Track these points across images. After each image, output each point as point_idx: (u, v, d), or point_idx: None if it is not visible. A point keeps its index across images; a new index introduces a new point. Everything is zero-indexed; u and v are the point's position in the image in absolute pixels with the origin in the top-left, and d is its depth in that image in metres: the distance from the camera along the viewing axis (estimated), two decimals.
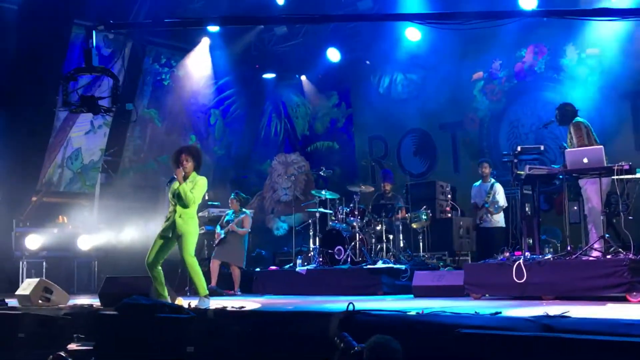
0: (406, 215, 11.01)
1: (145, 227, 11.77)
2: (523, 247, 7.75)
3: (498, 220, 10.46)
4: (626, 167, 7.07)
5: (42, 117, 12.14)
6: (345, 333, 4.39)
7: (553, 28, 11.59)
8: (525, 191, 8.26)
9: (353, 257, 10.24)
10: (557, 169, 7.82)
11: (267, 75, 15.70)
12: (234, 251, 10.41)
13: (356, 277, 9.65)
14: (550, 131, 9.07)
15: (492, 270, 7.40)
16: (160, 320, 5.98)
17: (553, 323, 4.27)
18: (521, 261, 7.03)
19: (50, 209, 13.09)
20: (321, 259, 10.59)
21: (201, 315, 6.08)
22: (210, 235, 11.36)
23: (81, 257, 12.44)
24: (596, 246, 7.16)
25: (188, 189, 7.04)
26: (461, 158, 13.33)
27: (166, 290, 7.14)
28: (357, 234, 10.45)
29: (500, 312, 4.98)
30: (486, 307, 5.70)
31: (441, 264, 10.48)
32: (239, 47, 14.46)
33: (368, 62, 14.56)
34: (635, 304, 6.17)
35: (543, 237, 8.91)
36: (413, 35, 12.55)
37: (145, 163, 14.70)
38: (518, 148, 8.24)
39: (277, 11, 12.44)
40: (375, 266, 9.74)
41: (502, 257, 7.53)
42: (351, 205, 10.84)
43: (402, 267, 9.59)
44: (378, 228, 10.69)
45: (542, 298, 6.82)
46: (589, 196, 7.86)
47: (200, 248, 10.68)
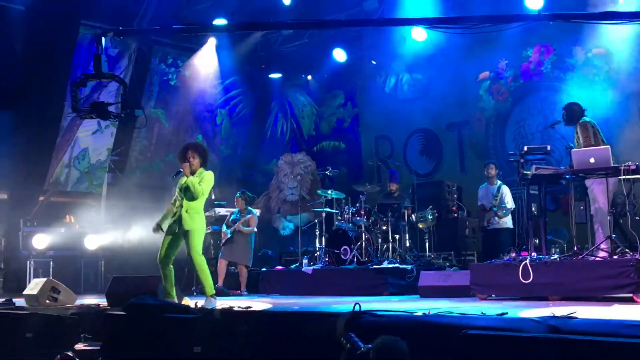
0: (412, 215, 11.02)
1: (151, 227, 11.75)
2: (529, 247, 7.72)
3: (505, 221, 10.44)
4: (633, 167, 7.03)
5: (49, 117, 12.19)
6: (351, 334, 4.40)
7: (560, 28, 11.50)
8: (531, 191, 8.22)
9: (359, 257, 10.25)
10: (564, 169, 7.80)
11: (274, 75, 15.73)
12: (241, 250, 10.43)
13: (362, 277, 9.65)
14: (556, 131, 9.02)
15: (499, 270, 7.38)
16: (167, 320, 5.99)
17: (559, 324, 4.26)
18: (527, 261, 7.01)
19: (57, 209, 13.13)
20: (327, 259, 10.58)
21: (208, 315, 6.09)
22: (216, 234, 11.38)
23: (88, 257, 12.45)
24: (603, 246, 7.13)
25: (196, 181, 7.05)
26: (467, 158, 13.29)
27: (174, 290, 7.15)
28: (363, 234, 10.45)
29: (506, 313, 4.97)
30: (492, 308, 5.70)
31: (447, 264, 10.46)
32: (246, 47, 14.47)
33: (374, 62, 14.54)
34: None
35: (549, 237, 8.90)
36: (419, 35, 12.53)
37: (152, 163, 14.73)
38: (524, 148, 8.20)
39: (284, 11, 12.43)
40: (381, 266, 9.74)
41: (509, 258, 7.51)
42: (357, 205, 10.84)
43: (408, 267, 9.57)
44: (384, 228, 10.69)
45: (549, 298, 6.81)
46: (596, 196, 7.82)
47: (206, 247, 10.69)
